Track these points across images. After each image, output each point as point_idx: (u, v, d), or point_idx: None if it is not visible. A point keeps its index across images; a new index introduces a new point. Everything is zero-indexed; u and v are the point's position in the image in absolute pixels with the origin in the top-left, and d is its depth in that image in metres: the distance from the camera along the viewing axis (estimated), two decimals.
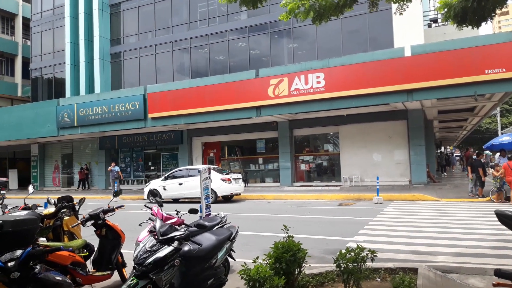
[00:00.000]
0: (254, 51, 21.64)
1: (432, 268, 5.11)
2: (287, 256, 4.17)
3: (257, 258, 4.17)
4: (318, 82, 15.43)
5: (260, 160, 20.34)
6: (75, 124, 20.89)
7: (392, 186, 16.46)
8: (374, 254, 4.41)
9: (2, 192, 15.10)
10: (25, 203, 5.70)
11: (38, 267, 2.95)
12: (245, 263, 4.01)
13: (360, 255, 4.38)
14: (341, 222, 9.62)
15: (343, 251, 4.40)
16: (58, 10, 26.77)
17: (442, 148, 47.54)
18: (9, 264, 2.75)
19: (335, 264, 4.40)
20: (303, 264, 4.35)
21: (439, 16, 26.14)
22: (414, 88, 14.05)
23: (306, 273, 4.75)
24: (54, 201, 5.72)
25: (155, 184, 16.12)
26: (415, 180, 16.65)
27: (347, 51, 18.52)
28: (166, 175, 16.22)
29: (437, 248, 6.65)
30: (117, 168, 20.52)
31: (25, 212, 4.09)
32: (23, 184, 26.52)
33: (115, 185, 20.10)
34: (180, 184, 15.22)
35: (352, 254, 4.38)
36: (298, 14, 6.74)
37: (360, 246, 4.44)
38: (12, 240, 2.97)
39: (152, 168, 23.10)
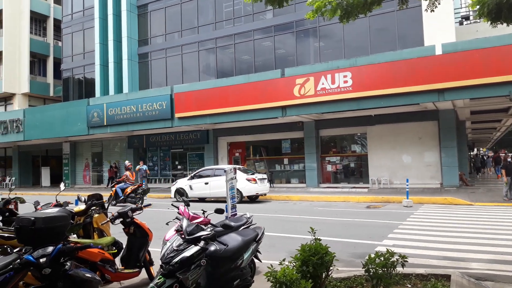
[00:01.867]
0: (279, 50, 21.56)
1: (465, 275, 4.91)
2: (314, 259, 4.10)
3: (284, 260, 4.12)
4: (345, 82, 15.19)
5: (286, 161, 20.23)
6: (105, 123, 21.40)
7: (422, 189, 16.02)
8: (405, 259, 4.28)
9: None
10: (56, 200, 5.84)
11: (68, 263, 2.99)
12: (271, 265, 3.96)
13: (390, 260, 4.26)
14: (369, 225, 9.42)
15: (372, 256, 4.29)
16: (88, 11, 27.48)
17: (475, 150, 46.04)
18: (41, 260, 2.80)
19: (364, 269, 4.31)
20: (331, 268, 4.27)
21: (471, 13, 25.29)
22: (446, 87, 13.62)
23: (333, 276, 4.65)
24: (85, 199, 5.85)
25: (182, 183, 16.28)
26: (446, 183, 16.14)
27: (375, 50, 18.16)
28: (192, 175, 16.36)
29: (470, 254, 6.40)
30: (145, 167, 20.88)
31: (57, 209, 4.18)
32: (55, 182, 27.38)
33: (143, 183, 20.45)
34: (206, 183, 15.32)
35: (382, 258, 4.27)
36: (324, 12, 6.63)
37: (390, 251, 4.32)
38: (43, 237, 3.03)
39: (179, 167, 23.38)
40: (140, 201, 13.44)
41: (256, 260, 5.05)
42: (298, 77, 16.15)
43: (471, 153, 34.41)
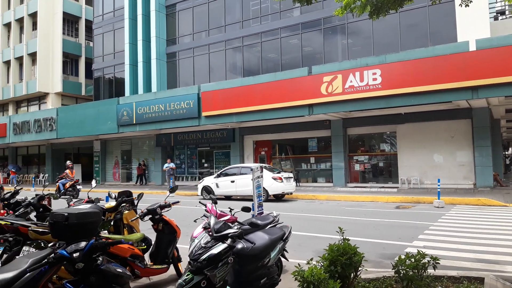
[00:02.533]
0: (306, 48, 21.39)
1: (500, 278, 4.72)
2: (343, 260, 4.05)
3: (311, 259, 4.07)
4: (374, 79, 14.91)
5: (312, 159, 20.07)
6: (134, 122, 21.87)
7: (454, 189, 15.53)
8: (437, 261, 4.16)
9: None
10: (88, 197, 6.01)
11: (100, 258, 3.06)
12: (299, 264, 3.93)
13: (421, 262, 4.15)
14: (399, 226, 9.21)
15: (403, 257, 4.20)
16: (118, 12, 28.11)
17: (510, 149, 44.29)
18: (74, 255, 2.88)
19: (393, 270, 4.22)
20: (359, 268, 4.21)
21: (507, 7, 24.29)
22: (480, 85, 13.14)
23: (362, 277, 4.58)
24: (115, 196, 5.98)
25: (208, 181, 16.43)
26: (480, 183, 15.59)
27: (405, 47, 17.73)
28: (218, 173, 16.49)
29: (505, 257, 6.15)
30: (172, 165, 21.20)
31: (89, 205, 4.29)
32: (85, 178, 28.22)
33: (171, 181, 20.79)
34: (232, 181, 15.39)
35: (413, 260, 4.17)
36: (354, 8, 6.52)
37: (421, 252, 4.22)
38: (76, 232, 3.11)
39: (206, 165, 23.62)
40: (76, 195, 16.63)
41: (283, 259, 5.03)
42: (325, 74, 15.98)
43: (506, 152, 33.08)
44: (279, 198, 15.44)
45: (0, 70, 34.49)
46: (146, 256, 5.09)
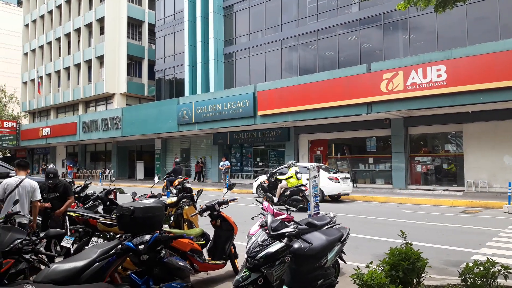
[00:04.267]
0: (365, 44, 20.75)
1: None
2: (405, 264, 3.90)
3: (371, 263, 3.96)
4: (439, 76, 14.12)
5: (370, 160, 19.44)
6: (193, 121, 22.58)
7: None
8: (508, 270, 3.86)
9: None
10: (151, 192, 6.29)
11: (163, 251, 3.18)
12: (358, 267, 3.83)
13: (491, 270, 3.88)
14: (464, 232, 8.65)
15: (470, 264, 3.95)
16: (178, 15, 29.11)
17: None
18: (140, 247, 3.02)
19: (460, 278, 4.00)
20: (423, 275, 4.03)
21: None
22: None
23: (425, 284, 4.36)
24: (176, 192, 6.20)
25: (263, 179, 16.49)
26: None
27: (472, 41, 16.58)
28: (273, 171, 16.50)
29: None
30: (227, 163, 21.59)
31: (152, 200, 4.49)
32: (147, 175, 29.62)
33: (227, 179, 21.19)
34: None
35: (481, 268, 3.90)
36: (418, 2, 6.21)
37: (491, 260, 3.93)
38: (141, 225, 3.26)
39: (260, 164, 23.77)
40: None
41: (340, 261, 4.93)
42: (385, 71, 15.41)
43: None
44: (335, 199, 15.14)
45: (72, 72, 37.17)
46: (204, 251, 5.22)
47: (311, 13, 22.60)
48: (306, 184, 14.10)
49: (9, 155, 40.94)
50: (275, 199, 13.13)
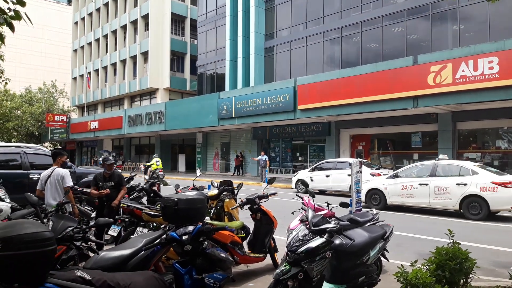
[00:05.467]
0: (411, 36, 19.97)
1: None
2: (452, 264, 3.76)
3: (415, 261, 3.84)
4: (491, 68, 13.35)
5: (415, 156, 18.75)
6: (233, 115, 22.80)
7: None
8: None
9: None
10: (193, 185, 6.43)
11: (206, 242, 3.24)
12: (402, 265, 3.72)
13: None
14: None
15: None
16: (220, 10, 29.39)
17: None
18: (183, 237, 3.09)
19: (511, 280, 3.81)
20: (470, 275, 3.87)
21: None
22: None
23: (472, 285, 4.18)
24: (217, 185, 6.30)
25: (303, 174, 16.41)
26: None
27: None
28: (313, 166, 16.38)
29: None
30: (265, 157, 21.62)
31: (195, 192, 4.58)
32: (189, 168, 30.30)
33: (266, 173, 21.23)
34: (327, 176, 15.16)
35: None
36: None
37: None
38: (184, 217, 3.34)
39: (300, 158, 23.63)
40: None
41: (382, 259, 4.82)
42: (433, 64, 14.79)
43: None
44: None
45: (118, 68, 38.61)
46: (244, 244, 5.28)
47: (354, 4, 22.05)
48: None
49: (59, 147, 43.27)
50: None
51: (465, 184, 10.01)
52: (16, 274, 2.16)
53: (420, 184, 10.79)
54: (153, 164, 18.14)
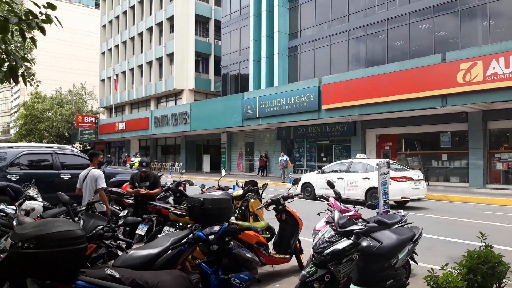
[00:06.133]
0: (439, 33, 19.45)
1: None
2: (484, 268, 3.62)
3: (446, 265, 3.73)
4: None
5: (444, 156, 18.24)
6: (257, 116, 22.82)
7: None
8: None
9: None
10: (219, 185, 6.47)
11: (232, 243, 3.25)
12: (432, 269, 3.63)
13: None
14: None
15: None
16: (244, 10, 29.46)
17: None
18: (210, 237, 3.11)
19: None
20: (504, 280, 3.72)
21: None
22: None
23: None
24: (242, 185, 6.32)
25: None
26: None
27: None
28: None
29: None
30: (286, 158, 21.52)
31: (220, 192, 4.61)
32: (213, 168, 30.53)
33: (290, 174, 21.14)
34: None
35: None
36: None
37: None
38: (210, 216, 3.36)
39: (324, 159, 23.39)
40: None
41: (411, 262, 4.72)
42: (462, 61, 14.36)
43: None
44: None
45: (144, 70, 39.33)
46: (270, 244, 5.26)
47: (380, 1, 21.67)
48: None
49: (88, 147, 44.47)
50: None
51: (369, 179, 11.97)
52: (49, 271, 2.22)
53: (338, 178, 12.77)
54: (135, 163, 19.83)
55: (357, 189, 12.32)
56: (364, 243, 3.91)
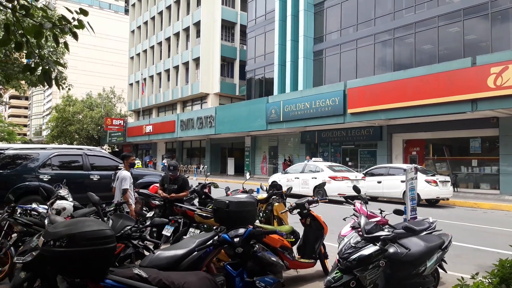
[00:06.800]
0: (469, 36, 18.92)
1: None
2: None
3: (477, 274, 3.61)
4: None
5: (474, 162, 17.69)
6: (281, 120, 22.80)
7: None
8: None
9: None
10: (243, 188, 6.49)
11: (257, 246, 3.25)
12: (462, 277, 3.51)
13: None
14: None
15: None
16: (269, 15, 29.55)
17: None
18: (235, 239, 3.12)
19: None
20: None
21: None
22: None
23: None
24: (266, 188, 6.32)
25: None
26: None
27: None
28: (364, 172, 16.02)
29: None
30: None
31: (245, 195, 4.63)
32: (237, 171, 30.66)
33: None
34: (379, 182, 14.69)
35: None
36: None
37: None
38: (235, 219, 3.38)
39: (350, 163, 23.06)
40: None
41: (440, 270, 4.60)
42: (493, 65, 13.93)
43: None
44: (432, 203, 14.11)
45: (171, 74, 39.99)
46: (294, 249, 5.23)
47: (407, 5, 21.30)
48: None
49: (116, 149, 45.52)
50: None
51: (316, 178, 14.32)
52: (79, 270, 2.28)
53: (295, 178, 15.34)
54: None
55: (307, 186, 14.52)
56: (391, 250, 3.84)
